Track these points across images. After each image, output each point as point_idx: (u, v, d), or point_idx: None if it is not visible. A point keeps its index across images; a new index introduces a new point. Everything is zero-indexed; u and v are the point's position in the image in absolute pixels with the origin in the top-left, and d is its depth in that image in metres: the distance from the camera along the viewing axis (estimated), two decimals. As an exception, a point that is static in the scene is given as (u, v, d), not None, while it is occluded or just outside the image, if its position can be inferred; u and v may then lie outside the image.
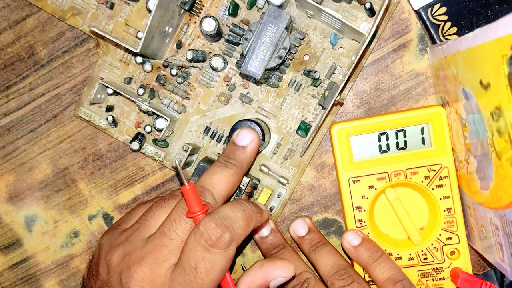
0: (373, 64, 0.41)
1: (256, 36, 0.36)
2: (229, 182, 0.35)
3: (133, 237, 0.33)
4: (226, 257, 0.31)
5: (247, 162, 0.36)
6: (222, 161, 0.35)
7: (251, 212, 0.32)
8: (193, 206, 0.32)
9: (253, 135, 0.37)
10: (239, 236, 0.31)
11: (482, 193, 0.34)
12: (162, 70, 0.41)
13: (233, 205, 0.32)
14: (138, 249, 0.32)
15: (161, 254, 0.31)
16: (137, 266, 0.31)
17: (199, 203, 0.32)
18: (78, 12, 0.41)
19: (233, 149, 0.36)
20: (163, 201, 0.34)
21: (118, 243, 0.33)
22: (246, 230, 0.32)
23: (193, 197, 0.32)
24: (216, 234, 0.30)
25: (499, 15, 0.38)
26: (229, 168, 0.35)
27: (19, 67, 0.43)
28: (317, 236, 0.40)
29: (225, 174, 0.35)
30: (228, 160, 0.35)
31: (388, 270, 0.37)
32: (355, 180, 0.39)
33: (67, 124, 0.43)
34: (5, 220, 0.44)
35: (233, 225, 0.31)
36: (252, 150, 0.37)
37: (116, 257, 0.33)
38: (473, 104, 0.32)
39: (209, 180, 0.34)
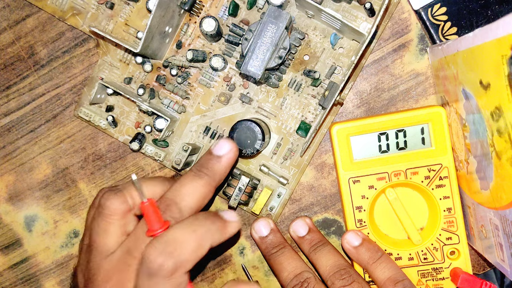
0: (373, 64, 0.41)
1: (256, 36, 0.36)
2: (200, 193, 0.32)
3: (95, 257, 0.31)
4: (173, 284, 0.28)
5: (220, 174, 0.34)
6: (194, 171, 0.33)
7: (204, 232, 0.30)
8: (153, 224, 0.29)
9: (231, 146, 0.34)
10: (186, 261, 0.29)
11: (482, 193, 0.34)
12: (162, 70, 0.41)
13: (182, 225, 0.30)
14: (103, 269, 0.30)
15: (127, 274, 0.30)
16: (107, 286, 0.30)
17: (159, 220, 0.30)
18: (78, 12, 0.41)
19: (208, 158, 0.34)
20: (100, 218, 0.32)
21: (84, 265, 0.32)
22: (196, 254, 0.29)
23: (152, 214, 0.29)
24: (157, 262, 0.28)
25: (499, 15, 0.38)
26: (201, 178, 0.33)
27: (19, 67, 0.43)
28: (317, 236, 0.40)
29: (195, 184, 0.32)
30: (201, 170, 0.33)
31: (389, 270, 0.37)
32: (355, 180, 0.39)
33: (67, 124, 0.43)
34: (5, 220, 0.44)
35: (178, 250, 0.28)
36: (228, 161, 0.34)
37: (86, 280, 0.32)
38: (473, 104, 0.32)
39: (177, 191, 0.32)
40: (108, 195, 0.31)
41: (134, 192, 0.32)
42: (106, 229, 0.31)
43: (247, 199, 0.41)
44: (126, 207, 0.32)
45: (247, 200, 0.41)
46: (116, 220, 0.31)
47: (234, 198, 0.39)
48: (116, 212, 0.31)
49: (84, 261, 0.33)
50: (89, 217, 0.33)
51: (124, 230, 0.32)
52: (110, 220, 0.31)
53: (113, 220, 0.31)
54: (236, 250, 0.43)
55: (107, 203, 0.31)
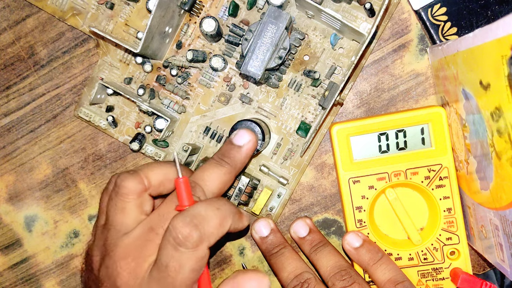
0: (373, 64, 0.41)
1: (256, 36, 0.36)
2: (221, 180, 0.34)
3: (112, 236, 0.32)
4: (196, 257, 0.30)
5: (241, 162, 0.36)
6: (216, 159, 0.35)
7: (227, 211, 0.31)
8: (183, 200, 0.31)
9: (251, 136, 0.36)
10: (210, 235, 0.30)
11: (482, 193, 0.34)
12: (162, 70, 0.41)
13: (208, 203, 0.31)
14: (122, 246, 0.31)
15: (147, 249, 0.31)
16: (124, 261, 0.31)
17: (189, 197, 0.31)
18: (78, 13, 0.41)
19: (229, 148, 0.36)
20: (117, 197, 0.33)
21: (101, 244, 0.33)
22: (219, 230, 0.31)
23: (184, 190, 0.31)
24: (184, 232, 0.29)
25: (499, 15, 0.38)
26: (223, 166, 0.34)
27: (19, 67, 0.43)
28: (317, 237, 0.40)
29: (218, 172, 0.34)
30: (223, 158, 0.35)
31: (389, 271, 0.37)
32: (355, 180, 0.39)
33: (67, 124, 0.43)
34: (5, 220, 0.44)
35: (203, 224, 0.30)
36: (248, 151, 0.36)
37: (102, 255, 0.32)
38: (473, 104, 0.32)
39: (201, 176, 0.34)
40: (124, 176, 0.32)
41: (150, 173, 0.33)
42: (124, 207, 0.32)
43: (247, 199, 0.41)
44: (142, 187, 0.32)
45: (247, 200, 0.41)
46: (132, 199, 0.32)
47: (234, 198, 0.39)
48: (133, 192, 0.32)
49: (100, 240, 0.33)
50: (104, 199, 0.34)
51: (141, 209, 0.33)
52: (127, 199, 0.32)
53: (129, 199, 0.32)
54: (236, 250, 0.43)
55: (123, 183, 0.32)
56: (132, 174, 0.32)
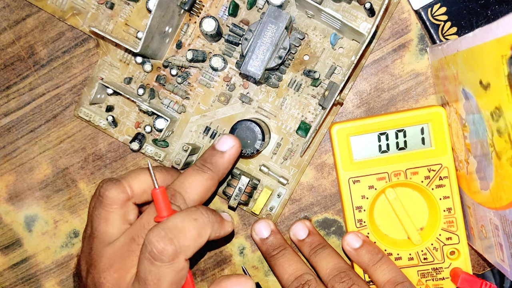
0: (373, 64, 0.41)
1: (256, 36, 0.36)
2: (203, 187, 0.33)
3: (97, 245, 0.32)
4: (174, 270, 0.29)
5: (224, 168, 0.35)
6: (198, 165, 0.34)
7: (205, 221, 0.31)
8: (162, 211, 0.30)
9: (234, 141, 0.35)
10: (186, 248, 0.29)
11: (482, 193, 0.34)
12: (162, 70, 0.41)
13: (185, 213, 0.31)
14: (106, 256, 0.31)
15: (129, 260, 0.31)
16: (107, 273, 0.31)
17: (167, 208, 0.30)
18: (78, 12, 0.41)
19: (211, 153, 0.35)
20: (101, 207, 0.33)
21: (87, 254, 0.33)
22: (196, 242, 0.30)
23: (162, 200, 0.30)
24: (158, 247, 0.29)
25: (499, 15, 0.38)
26: (205, 172, 0.34)
27: (19, 67, 0.43)
28: (317, 239, 0.40)
29: (200, 178, 0.33)
30: (205, 164, 0.34)
31: (389, 272, 0.37)
32: (355, 180, 0.39)
33: (67, 124, 0.43)
34: (5, 220, 0.44)
35: (178, 237, 0.29)
36: (231, 156, 0.35)
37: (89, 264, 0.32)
38: (473, 104, 0.32)
39: (181, 183, 0.33)
40: (107, 185, 0.32)
41: (132, 182, 0.33)
42: (107, 217, 0.32)
43: (247, 199, 0.41)
44: (125, 196, 0.32)
45: (247, 200, 0.41)
46: (116, 209, 0.32)
47: (234, 198, 0.39)
48: (116, 202, 0.32)
49: (86, 249, 0.33)
50: (91, 207, 0.34)
51: (125, 218, 0.33)
52: (110, 209, 0.32)
53: (113, 209, 0.32)
54: (236, 250, 0.43)
55: (106, 193, 0.32)
56: (115, 183, 0.32)
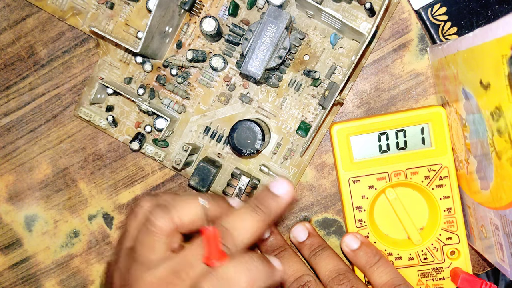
0: (373, 64, 0.41)
1: (256, 36, 0.36)
2: (255, 228, 0.33)
3: (136, 268, 0.32)
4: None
5: (276, 213, 0.34)
6: (252, 206, 0.33)
7: (258, 274, 0.30)
8: (212, 254, 0.30)
9: (290, 187, 0.35)
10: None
11: (482, 193, 0.34)
12: (162, 70, 0.41)
13: (239, 263, 0.30)
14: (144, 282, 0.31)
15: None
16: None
17: (218, 251, 0.30)
18: (78, 12, 0.41)
19: (267, 195, 0.34)
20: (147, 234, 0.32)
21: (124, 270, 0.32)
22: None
23: (213, 243, 0.30)
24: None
25: (499, 15, 0.38)
26: (258, 214, 0.33)
27: (19, 67, 0.43)
28: (317, 241, 0.40)
29: (252, 220, 0.33)
30: (259, 206, 0.33)
31: (386, 275, 0.37)
32: (355, 180, 0.39)
33: (67, 124, 0.43)
34: (5, 220, 0.44)
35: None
36: (285, 202, 0.34)
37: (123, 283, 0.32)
38: (473, 104, 0.32)
39: (234, 221, 0.32)
40: (157, 213, 0.32)
41: (182, 211, 0.32)
42: (152, 246, 0.31)
43: (247, 199, 0.41)
44: (174, 226, 0.32)
45: (247, 200, 0.41)
46: (163, 237, 0.31)
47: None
48: (164, 231, 0.31)
49: (123, 266, 0.32)
50: (131, 223, 0.33)
51: (169, 246, 0.32)
52: (157, 238, 0.31)
53: (159, 238, 0.31)
54: (236, 250, 0.43)
55: (155, 221, 0.31)
56: (164, 212, 0.31)
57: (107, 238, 0.44)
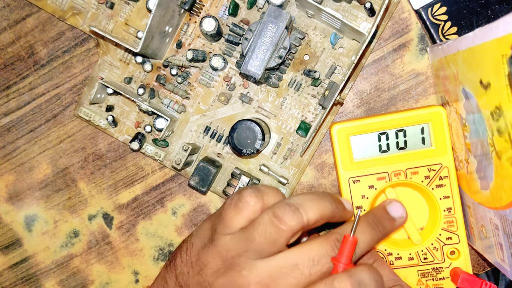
0: (373, 64, 0.41)
1: (256, 36, 0.36)
2: (370, 244, 0.34)
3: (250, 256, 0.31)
4: None
5: (390, 233, 0.37)
6: (371, 222, 0.35)
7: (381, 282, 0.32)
8: (344, 258, 0.31)
9: (405, 213, 0.37)
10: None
11: (482, 193, 0.34)
12: (162, 70, 0.41)
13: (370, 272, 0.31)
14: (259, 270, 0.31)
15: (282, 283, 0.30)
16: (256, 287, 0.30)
17: (349, 258, 0.31)
18: (78, 12, 0.41)
19: (384, 216, 0.36)
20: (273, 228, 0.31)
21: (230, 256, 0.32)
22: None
23: (349, 250, 0.31)
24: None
25: (499, 14, 0.38)
26: (376, 232, 0.35)
27: (19, 67, 0.43)
28: None
29: (371, 236, 0.34)
30: (378, 225, 0.35)
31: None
32: (355, 180, 0.39)
33: (67, 124, 0.43)
34: (5, 220, 0.44)
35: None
36: (399, 226, 0.37)
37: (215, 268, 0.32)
38: (473, 103, 0.32)
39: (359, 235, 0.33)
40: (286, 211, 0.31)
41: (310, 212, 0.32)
42: (276, 240, 0.31)
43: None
44: (301, 227, 0.31)
45: (247, 200, 0.41)
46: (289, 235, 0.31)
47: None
48: (291, 230, 0.31)
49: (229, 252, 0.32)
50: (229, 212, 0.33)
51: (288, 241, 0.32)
52: (283, 234, 0.31)
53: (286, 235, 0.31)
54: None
55: (284, 219, 0.31)
56: (294, 212, 0.31)
57: (107, 238, 0.44)
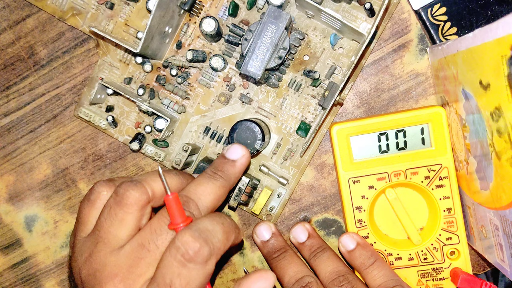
0: (373, 64, 0.41)
1: (256, 36, 0.36)
2: (215, 194, 0.33)
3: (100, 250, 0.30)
4: (204, 273, 0.29)
5: (235, 177, 0.35)
6: (210, 173, 0.34)
7: (230, 226, 0.31)
8: (176, 217, 0.30)
9: (244, 151, 0.35)
10: (218, 250, 0.29)
11: (482, 193, 0.34)
12: (162, 70, 0.41)
13: (212, 217, 0.30)
14: (110, 265, 0.30)
15: (138, 268, 0.29)
16: (110, 283, 0.29)
17: (182, 214, 0.30)
18: (78, 12, 0.41)
19: (222, 161, 0.35)
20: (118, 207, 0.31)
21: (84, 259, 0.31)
22: (225, 245, 0.30)
23: (176, 207, 0.30)
24: (194, 248, 0.28)
25: (499, 15, 0.38)
26: (216, 180, 0.33)
27: (19, 67, 0.43)
28: (317, 242, 0.40)
29: (212, 185, 0.33)
30: (216, 172, 0.34)
31: (380, 278, 0.37)
32: (355, 180, 0.39)
33: (67, 124, 0.43)
34: (5, 220, 0.44)
35: (211, 238, 0.29)
36: (242, 165, 0.35)
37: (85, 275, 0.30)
38: (473, 104, 0.32)
39: (194, 190, 0.32)
40: (127, 186, 0.31)
41: (153, 184, 0.31)
42: (123, 219, 0.30)
43: (247, 199, 0.41)
44: (146, 198, 0.31)
45: (247, 200, 0.41)
46: (135, 211, 0.30)
47: (234, 198, 0.39)
48: (136, 203, 0.30)
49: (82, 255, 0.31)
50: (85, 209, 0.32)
51: (139, 223, 0.31)
52: (130, 210, 0.30)
53: (132, 211, 0.30)
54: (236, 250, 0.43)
55: (127, 193, 0.30)
56: (135, 184, 0.31)
57: (107, 238, 0.44)
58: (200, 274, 0.29)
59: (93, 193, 0.32)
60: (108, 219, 0.31)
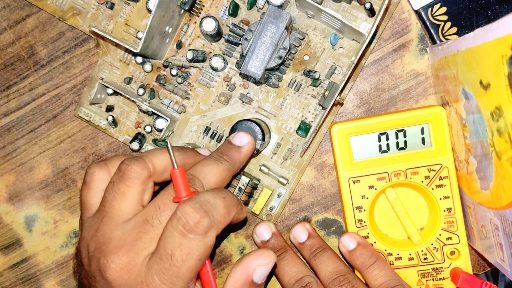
0: (373, 64, 0.41)
1: (256, 36, 0.36)
2: (220, 176, 0.34)
3: (106, 224, 0.31)
4: (204, 244, 0.29)
5: (239, 162, 0.36)
6: (216, 156, 0.35)
7: (232, 200, 0.31)
8: (181, 191, 0.30)
9: (250, 138, 0.37)
10: (218, 223, 0.30)
11: (482, 193, 0.34)
12: (162, 70, 0.41)
13: (214, 191, 0.31)
14: (115, 238, 0.30)
15: (141, 242, 0.30)
16: (115, 255, 0.30)
17: (186, 189, 0.30)
18: (78, 12, 0.41)
19: (228, 147, 0.36)
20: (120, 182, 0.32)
21: (91, 235, 0.32)
22: (226, 218, 0.31)
23: (181, 181, 0.30)
24: (194, 219, 0.29)
25: (499, 15, 0.38)
26: (222, 163, 0.34)
27: (19, 67, 0.43)
28: (317, 242, 0.40)
29: (217, 167, 0.34)
30: (222, 156, 0.35)
31: (381, 278, 0.37)
32: (355, 180, 0.39)
33: (67, 124, 0.43)
34: (5, 220, 0.44)
35: (212, 211, 0.30)
36: (247, 151, 0.36)
37: (93, 250, 0.31)
38: (473, 104, 0.32)
39: (200, 170, 0.33)
40: (129, 161, 0.32)
41: (154, 159, 0.32)
42: (125, 193, 0.31)
43: (247, 199, 0.41)
44: (147, 173, 0.32)
45: (247, 200, 0.41)
46: (136, 184, 0.31)
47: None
48: (138, 177, 0.31)
49: (89, 232, 0.32)
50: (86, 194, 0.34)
51: (141, 198, 0.32)
52: (131, 184, 0.31)
53: (134, 184, 0.31)
54: (236, 250, 0.43)
55: (128, 168, 0.31)
56: (137, 159, 0.32)
57: (107, 238, 0.44)
58: (200, 245, 0.29)
59: (86, 175, 0.34)
60: (112, 194, 0.32)
